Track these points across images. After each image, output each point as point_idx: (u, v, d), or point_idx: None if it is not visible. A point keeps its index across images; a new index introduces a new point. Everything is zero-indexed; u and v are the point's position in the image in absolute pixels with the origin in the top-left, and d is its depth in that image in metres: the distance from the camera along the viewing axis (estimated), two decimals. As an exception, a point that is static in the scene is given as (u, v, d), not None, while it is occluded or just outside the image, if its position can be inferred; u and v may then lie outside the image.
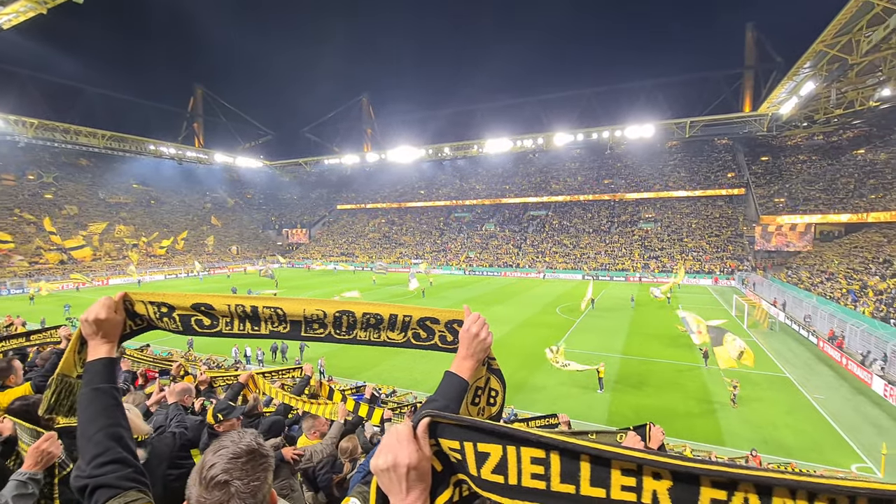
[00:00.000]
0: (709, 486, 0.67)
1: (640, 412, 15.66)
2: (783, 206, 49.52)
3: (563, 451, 0.74)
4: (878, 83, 36.64)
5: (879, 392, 17.26)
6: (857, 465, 12.53)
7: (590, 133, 63.71)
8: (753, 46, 63.20)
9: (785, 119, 48.94)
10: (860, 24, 27.59)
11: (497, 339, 24.49)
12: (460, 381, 1.22)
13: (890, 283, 26.75)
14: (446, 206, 76.37)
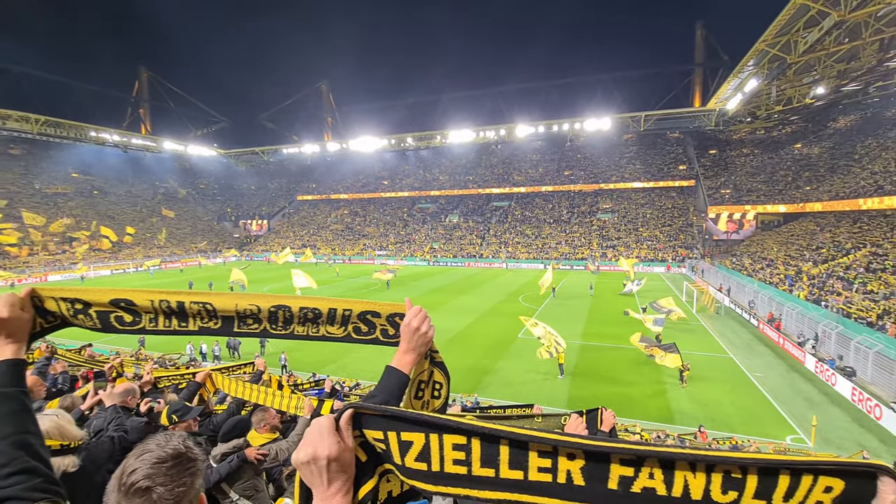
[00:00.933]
0: (618, 464, 0.71)
1: (598, 395, 16.30)
2: (729, 196, 52.50)
3: (483, 437, 0.76)
4: (813, 81, 39.27)
5: (811, 369, 18.75)
6: (792, 436, 13.59)
7: (550, 125, 64.83)
8: (702, 44, 66.07)
9: (731, 114, 51.65)
10: (798, 26, 29.37)
11: (462, 329, 24.90)
12: (401, 376, 1.21)
13: (822, 268, 28.98)
14: (410, 197, 75.91)
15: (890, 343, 17.33)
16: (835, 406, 15.66)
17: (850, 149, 45.55)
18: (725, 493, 0.70)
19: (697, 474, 0.70)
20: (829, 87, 39.48)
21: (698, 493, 0.70)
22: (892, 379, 15.68)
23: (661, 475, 0.71)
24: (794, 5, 26.76)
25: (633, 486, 0.71)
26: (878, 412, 14.38)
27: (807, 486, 0.68)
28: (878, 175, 35.22)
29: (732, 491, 0.70)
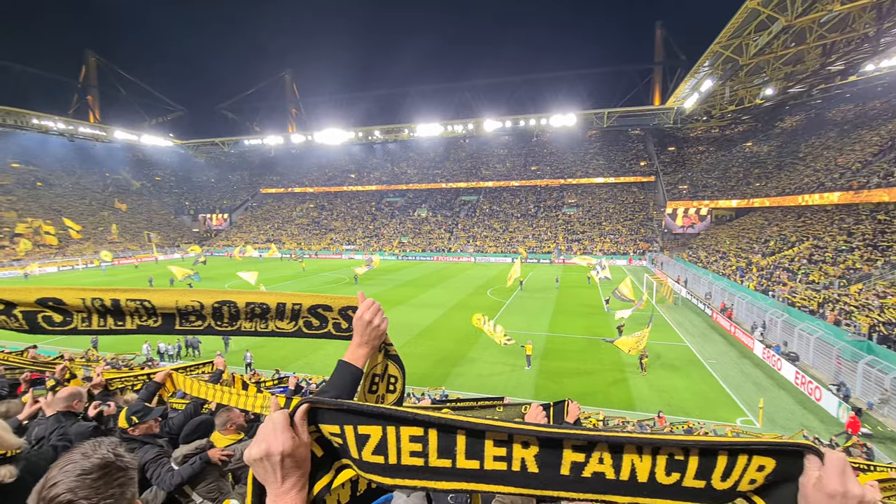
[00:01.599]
0: (570, 450, 0.74)
1: (563, 385, 16.76)
2: (686, 192, 54.76)
3: (440, 428, 0.76)
4: (762, 83, 41.36)
5: (759, 355, 19.93)
6: (742, 418, 14.42)
7: (517, 120, 65.53)
8: (662, 44, 68.37)
9: (688, 113, 53.75)
10: (749, 29, 30.82)
11: (430, 323, 24.96)
12: (354, 370, 1.20)
13: (769, 260, 30.77)
14: (378, 191, 75.09)
15: (829, 329, 18.64)
16: (780, 389, 16.71)
17: (795, 148, 48.44)
18: (669, 474, 0.74)
19: (644, 457, 0.74)
20: (777, 88, 41.68)
21: (644, 476, 0.74)
22: (830, 362, 16.89)
23: (610, 459, 0.74)
24: (745, 9, 28.04)
25: (584, 471, 0.74)
26: (818, 394, 15.46)
27: (742, 465, 0.73)
28: (819, 173, 37.62)
29: (675, 472, 0.74)
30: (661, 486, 0.74)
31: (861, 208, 29.28)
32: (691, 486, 0.74)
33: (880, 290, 19.86)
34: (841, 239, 27.41)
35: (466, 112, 73.60)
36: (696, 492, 0.75)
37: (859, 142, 37.37)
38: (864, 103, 45.64)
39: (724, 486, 0.74)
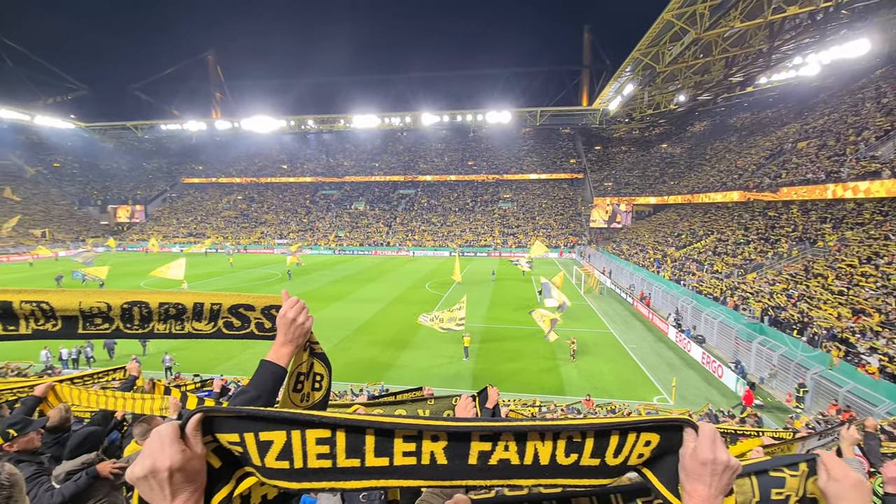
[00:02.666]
0: (478, 440, 0.78)
1: (499, 374, 17.38)
2: (610, 189, 58.55)
3: (348, 428, 0.77)
4: (676, 90, 45.14)
5: (672, 339, 21.96)
6: (658, 397, 15.84)
7: (454, 115, 66.14)
8: (589, 48, 72.11)
9: (612, 114, 57.36)
10: (665, 39, 33.46)
11: (369, 318, 24.69)
12: (276, 369, 1.18)
13: (681, 252, 33.87)
14: (313, 183, 72.45)
15: (729, 314, 20.97)
16: (690, 369, 18.56)
17: (703, 150, 53.51)
18: (568, 455, 0.82)
19: (546, 442, 0.80)
20: (688, 95, 45.73)
21: (546, 459, 0.81)
22: (730, 343, 19.04)
23: (514, 447, 0.79)
24: (662, 20, 30.39)
25: (491, 459, 0.79)
26: (720, 371, 17.38)
27: (631, 442, 0.83)
28: (722, 173, 41.89)
29: (574, 453, 0.82)
30: (561, 466, 0.82)
31: (755, 206, 33.07)
32: (588, 465, 0.83)
33: (770, 278, 22.66)
34: (739, 233, 30.81)
35: (404, 105, 72.99)
36: (592, 469, 0.83)
37: (754, 146, 42.06)
38: (758, 112, 51.42)
39: (616, 461, 0.84)
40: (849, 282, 18.54)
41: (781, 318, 18.55)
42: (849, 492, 0.88)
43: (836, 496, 0.89)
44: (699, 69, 38.88)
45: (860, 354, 14.43)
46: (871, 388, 12.88)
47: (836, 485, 0.90)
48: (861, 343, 14.83)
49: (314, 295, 30.80)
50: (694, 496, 0.80)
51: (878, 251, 19.35)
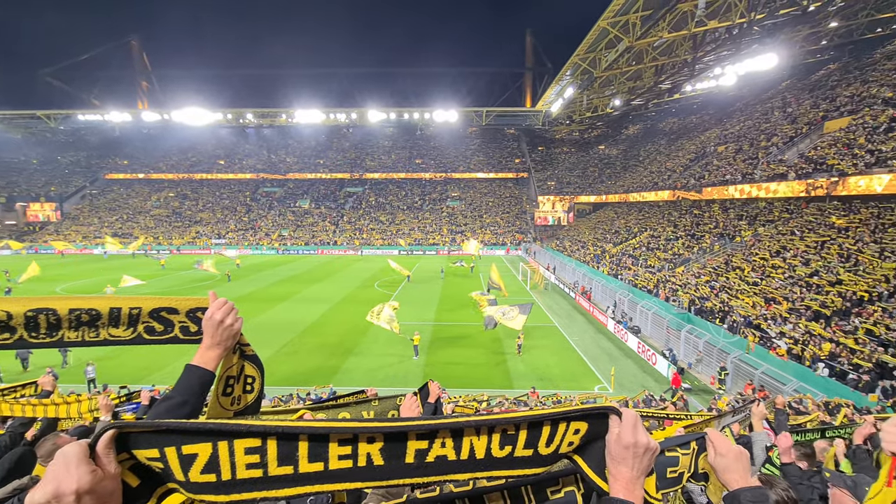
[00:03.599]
0: (414, 439, 0.80)
1: (449, 371, 17.56)
2: (553, 188, 60.84)
3: (280, 436, 0.75)
4: (612, 94, 47.63)
5: (611, 330, 23.24)
6: (599, 385, 16.71)
7: (401, 113, 65.78)
8: (532, 51, 74.33)
9: (554, 116, 59.52)
10: (601, 45, 35.21)
11: (316, 319, 24.03)
12: (203, 374, 1.15)
13: (618, 248, 35.88)
14: (253, 180, 69.18)
15: (661, 305, 22.53)
16: (627, 358, 19.74)
17: (636, 152, 56.97)
18: (503, 448, 0.85)
19: (481, 437, 0.83)
20: (622, 100, 48.45)
21: (482, 453, 0.83)
22: (662, 332, 20.46)
23: (451, 443, 0.81)
24: (598, 28, 31.95)
25: (428, 457, 0.80)
26: (654, 359, 18.64)
27: (562, 431, 0.87)
28: (654, 174, 44.81)
29: (508, 445, 0.85)
30: (496, 459, 0.85)
31: (683, 204, 35.70)
32: (521, 456, 0.86)
33: (696, 271, 24.59)
34: (669, 230, 33.13)
35: (350, 101, 71.59)
36: (526, 459, 0.87)
37: (681, 149, 45.35)
38: (684, 117, 55.50)
39: (548, 450, 0.88)
40: (762, 273, 20.54)
41: (706, 307, 20.21)
42: (733, 463, 1.02)
43: (723, 468, 1.03)
44: (632, 75, 41.29)
45: (772, 339, 16.05)
46: (780, 369, 14.38)
47: (721, 459, 1.04)
48: (772, 328, 16.50)
49: (257, 297, 29.48)
50: (619, 478, 0.87)
51: (785, 245, 21.58)
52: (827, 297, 16.42)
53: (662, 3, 25.95)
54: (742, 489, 1.01)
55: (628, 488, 0.86)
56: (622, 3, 27.32)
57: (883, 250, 17.04)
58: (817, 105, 30.20)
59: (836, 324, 15.04)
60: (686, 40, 32.13)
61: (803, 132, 28.26)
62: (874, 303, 15.04)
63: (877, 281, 15.75)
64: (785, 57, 33.99)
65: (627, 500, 0.85)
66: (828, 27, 31.48)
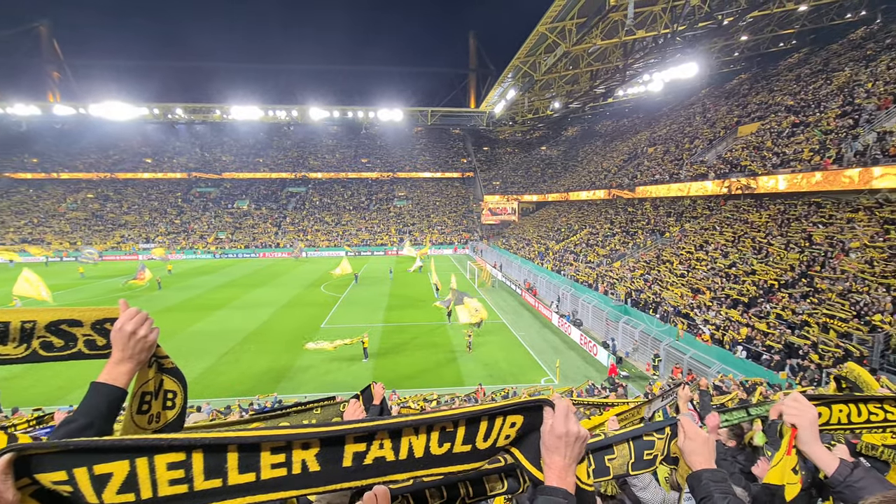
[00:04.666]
0: (352, 442, 0.79)
1: (399, 372, 17.49)
2: (498, 187, 62.21)
3: (207, 448, 0.71)
4: (551, 97, 49.43)
5: (556, 324, 24.18)
6: (545, 378, 17.34)
7: (345, 111, 64.39)
8: (475, 52, 75.46)
9: (498, 117, 60.83)
10: (540, 50, 36.43)
11: (258, 325, 23.03)
12: (112, 391, 1.06)
13: (560, 245, 37.37)
14: (185, 180, 64.84)
15: (601, 298, 23.76)
16: (571, 350, 20.64)
17: (575, 153, 59.60)
18: (441, 445, 0.85)
19: (420, 436, 0.83)
20: (561, 103, 50.44)
21: (420, 451, 0.84)
22: (602, 324, 21.58)
23: (389, 444, 0.81)
24: (537, 33, 33.03)
25: (366, 459, 0.80)
26: (595, 350, 19.63)
27: (499, 425, 0.90)
28: (591, 174, 47.10)
29: (447, 443, 0.86)
30: (434, 457, 0.85)
31: (618, 202, 37.82)
32: (460, 452, 0.88)
33: (631, 265, 26.16)
34: (606, 227, 34.98)
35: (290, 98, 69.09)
36: (464, 455, 0.88)
37: (616, 150, 48.01)
38: (618, 120, 58.80)
39: (485, 445, 0.90)
40: (688, 266, 22.24)
41: (640, 299, 21.57)
42: (700, 447, 1.13)
43: (691, 452, 1.14)
44: (570, 79, 43.13)
45: (698, 326, 17.44)
46: (706, 353, 15.67)
47: (690, 443, 1.14)
48: (698, 316, 17.93)
49: (192, 304, 27.73)
50: (552, 467, 0.91)
51: (707, 240, 23.50)
52: (743, 286, 18.10)
53: (595, 12, 27.30)
54: (704, 470, 1.10)
55: (561, 476, 0.90)
56: (559, 10, 28.44)
57: (788, 242, 19.03)
58: (732, 111, 33.15)
59: (752, 310, 16.62)
60: (617, 48, 34.03)
61: (720, 136, 30.91)
62: (782, 290, 16.77)
63: (783, 270, 17.57)
64: (704, 66, 37.02)
65: (560, 487, 0.89)
66: (739, 40, 34.65)
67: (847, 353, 12.41)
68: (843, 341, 12.96)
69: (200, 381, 16.53)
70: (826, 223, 18.75)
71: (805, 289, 16.05)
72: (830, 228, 18.22)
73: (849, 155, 18.72)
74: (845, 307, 14.07)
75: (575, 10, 27.82)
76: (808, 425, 1.26)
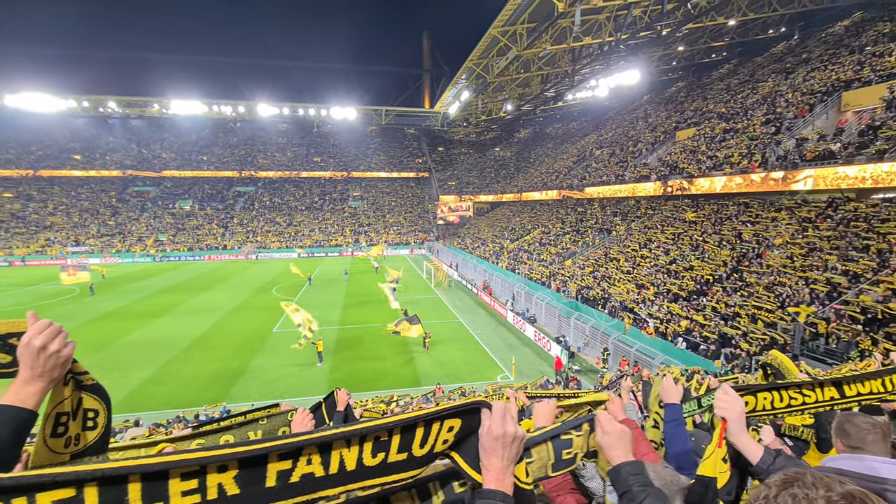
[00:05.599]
0: (276, 461, 0.73)
1: (356, 374, 17.23)
2: (453, 188, 62.70)
3: (102, 480, 0.62)
4: (504, 99, 50.44)
5: (511, 321, 24.69)
6: (501, 375, 17.67)
7: (296, 108, 62.49)
8: (429, 53, 75.66)
9: (452, 118, 61.27)
10: (493, 52, 37.05)
11: (205, 330, 21.97)
12: (18, 414, 0.95)
13: (515, 244, 38.19)
14: (120, 178, 60.38)
15: (553, 296, 24.51)
16: (526, 347, 21.15)
17: (528, 154, 61.16)
18: (375, 456, 0.82)
19: (352, 448, 0.79)
20: (514, 105, 51.60)
21: (352, 464, 0.80)
22: (555, 321, 22.28)
23: (318, 458, 0.76)
24: (489, 36, 33.58)
25: (292, 477, 0.74)
26: (548, 346, 20.23)
27: (436, 430, 0.87)
28: (543, 175, 48.50)
29: (381, 453, 0.82)
30: (368, 468, 0.81)
31: (568, 203, 39.18)
32: (395, 461, 0.84)
33: (581, 263, 27.19)
34: (558, 226, 36.15)
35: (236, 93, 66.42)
36: (400, 464, 0.85)
37: (566, 152, 49.72)
38: (567, 123, 60.92)
39: (422, 451, 0.87)
40: (633, 263, 23.42)
41: (590, 296, 22.47)
42: (616, 441, 1.16)
43: (608, 446, 1.16)
44: (521, 83, 44.18)
45: (643, 320, 18.41)
46: (650, 345, 16.57)
47: (607, 437, 1.17)
48: (642, 311, 18.92)
49: (130, 311, 25.92)
50: (490, 469, 0.90)
51: (650, 238, 24.85)
52: (682, 280, 19.30)
53: (545, 18, 28.12)
54: (623, 463, 1.13)
55: (499, 478, 0.90)
56: (510, 13, 29.04)
57: (721, 240, 20.50)
58: (671, 117, 35.24)
59: (690, 303, 17.76)
60: (566, 53, 35.24)
61: (661, 140, 32.79)
62: (716, 284, 18.04)
63: (718, 265, 18.92)
64: (645, 74, 39.12)
65: (498, 490, 0.89)
66: (677, 50, 36.92)
67: (773, 341, 13.55)
68: (769, 330, 14.14)
69: (139, 393, 15.51)
70: (753, 222, 20.37)
71: (736, 283, 17.36)
72: (757, 227, 19.81)
73: (772, 159, 20.42)
74: (770, 299, 15.36)
75: (526, 14, 28.51)
76: (737, 417, 1.36)
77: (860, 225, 16.00)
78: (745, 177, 21.02)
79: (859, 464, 1.33)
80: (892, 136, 16.10)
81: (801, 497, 0.76)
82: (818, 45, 27.98)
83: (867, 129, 17.46)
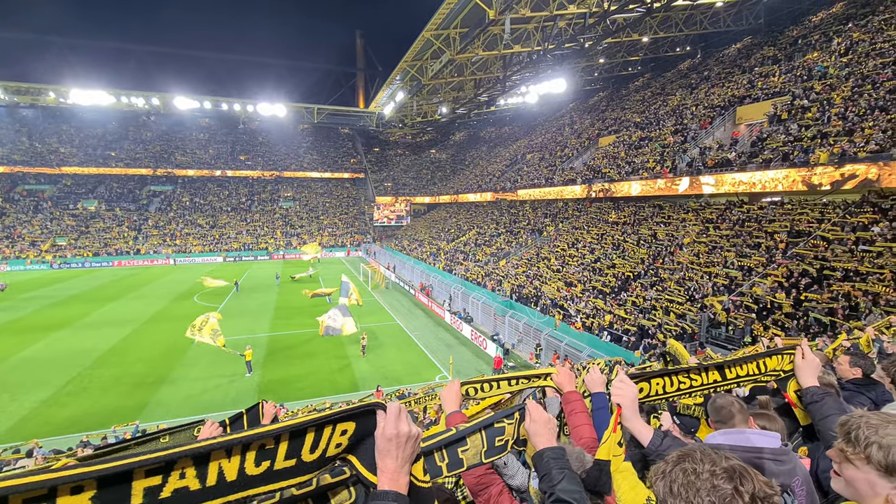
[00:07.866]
0: (143, 478, 0.67)
1: (289, 382, 16.52)
2: (390, 189, 62.20)
3: None
4: (439, 102, 50.97)
5: (448, 322, 24.97)
6: (439, 375, 17.80)
7: (218, 102, 58.53)
8: (362, 52, 74.51)
9: (388, 119, 60.78)
10: (427, 55, 37.32)
11: (115, 343, 20.19)
12: None
13: (451, 245, 38.68)
14: (8, 174, 52.96)
15: (489, 295, 25.14)
16: (463, 346, 21.49)
17: (463, 156, 62.24)
18: (259, 465, 0.77)
19: (232, 458, 0.75)
20: (448, 108, 52.28)
21: (233, 475, 0.75)
22: (491, 319, 22.87)
23: (193, 471, 0.71)
24: (423, 38, 33.79)
25: (163, 493, 0.68)
26: (485, 344, 20.71)
27: (328, 435, 0.85)
28: (478, 177, 49.63)
29: (266, 461, 0.78)
30: (251, 477, 0.77)
31: (502, 204, 40.42)
32: (282, 468, 0.80)
33: (514, 262, 28.16)
34: (493, 227, 37.15)
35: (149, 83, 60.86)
36: (287, 471, 0.81)
37: (499, 156, 51.27)
38: (500, 127, 62.83)
39: (313, 457, 0.84)
40: (562, 262, 24.68)
41: (524, 294, 23.34)
42: (541, 428, 1.26)
43: (534, 433, 1.27)
44: (455, 86, 44.90)
45: (572, 315, 19.46)
46: (578, 339, 17.56)
47: (534, 425, 1.27)
48: (571, 307, 20.00)
49: (21, 325, 22.88)
50: (384, 470, 0.90)
51: (577, 238, 26.34)
52: (606, 278, 20.67)
53: (477, 24, 28.82)
54: (545, 448, 1.23)
55: (393, 478, 0.89)
56: (443, 18, 29.42)
57: (640, 239, 22.22)
58: (594, 124, 37.62)
59: (613, 298, 19.06)
60: (497, 59, 36.35)
61: (585, 145, 34.89)
62: (636, 280, 19.53)
63: (636, 263, 20.48)
64: (571, 83, 41.38)
65: (391, 490, 0.88)
66: (598, 62, 39.45)
67: (683, 331, 14.93)
68: (679, 321, 15.56)
69: (34, 417, 13.74)
70: (666, 223, 22.31)
71: (652, 279, 18.90)
72: (669, 227, 21.72)
73: (681, 166, 22.50)
74: (681, 292, 16.91)
75: (458, 19, 29.03)
76: (630, 403, 1.51)
77: (752, 225, 18.11)
78: (657, 181, 22.99)
79: (739, 436, 1.54)
80: (776, 148, 18.42)
81: (689, 471, 0.88)
82: (717, 64, 31.28)
83: (757, 140, 19.82)
